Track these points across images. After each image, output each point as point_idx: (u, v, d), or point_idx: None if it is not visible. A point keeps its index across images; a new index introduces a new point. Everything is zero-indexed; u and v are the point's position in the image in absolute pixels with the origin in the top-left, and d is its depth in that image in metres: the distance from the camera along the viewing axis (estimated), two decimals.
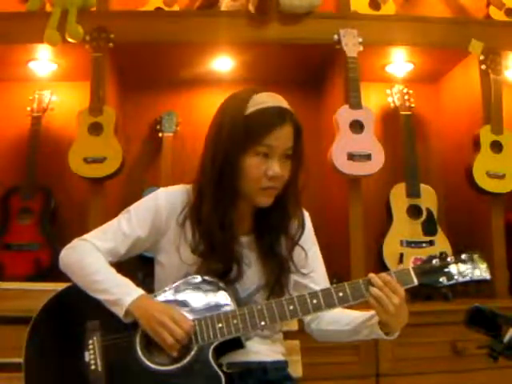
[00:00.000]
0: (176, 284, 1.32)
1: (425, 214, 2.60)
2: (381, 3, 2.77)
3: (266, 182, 1.30)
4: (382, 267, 2.47)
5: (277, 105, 1.32)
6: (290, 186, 1.36)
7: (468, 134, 2.58)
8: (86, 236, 1.39)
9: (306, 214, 1.47)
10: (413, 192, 2.61)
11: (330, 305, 1.28)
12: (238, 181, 1.31)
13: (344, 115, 2.42)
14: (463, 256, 1.30)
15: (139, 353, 1.27)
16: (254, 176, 1.30)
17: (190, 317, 1.27)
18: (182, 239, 1.35)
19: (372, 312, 1.34)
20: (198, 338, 1.25)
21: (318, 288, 1.36)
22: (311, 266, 1.45)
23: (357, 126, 2.41)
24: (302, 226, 1.42)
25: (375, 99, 2.87)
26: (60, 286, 1.38)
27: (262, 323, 1.27)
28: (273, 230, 1.38)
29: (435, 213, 2.61)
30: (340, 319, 1.42)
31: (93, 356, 1.28)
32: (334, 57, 2.55)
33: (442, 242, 2.54)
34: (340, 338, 1.45)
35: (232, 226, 1.34)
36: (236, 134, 1.29)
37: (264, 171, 1.30)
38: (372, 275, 1.29)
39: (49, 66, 2.62)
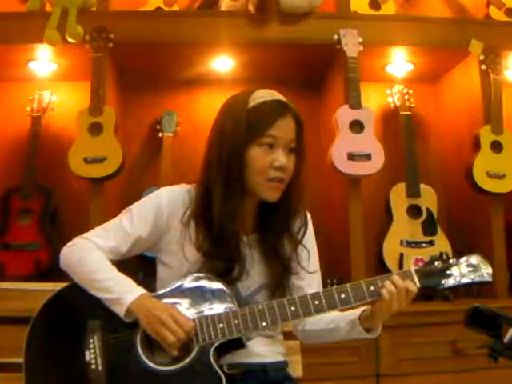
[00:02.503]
0: (177, 283, 1.32)
1: (425, 213, 2.60)
2: (381, 3, 2.77)
3: (273, 172, 1.31)
4: (382, 267, 2.48)
5: (277, 98, 1.35)
6: (294, 183, 1.37)
7: (468, 134, 2.58)
8: (86, 234, 1.39)
9: (308, 216, 1.47)
10: (413, 192, 2.62)
11: (332, 306, 1.28)
12: (245, 174, 1.32)
13: (344, 115, 2.42)
14: (465, 257, 1.30)
15: (140, 352, 1.27)
16: (260, 167, 1.31)
17: (191, 316, 1.27)
18: (186, 239, 1.35)
19: (354, 310, 1.34)
20: (198, 338, 1.25)
21: (311, 291, 1.35)
22: (311, 268, 1.45)
23: (357, 126, 2.42)
24: (305, 224, 1.42)
25: (375, 99, 2.87)
26: (60, 286, 1.37)
27: (264, 324, 1.26)
28: (276, 228, 1.38)
29: (435, 213, 2.61)
30: (323, 318, 1.41)
31: (93, 355, 1.27)
32: (334, 57, 2.55)
33: (441, 242, 2.55)
34: (324, 337, 1.45)
35: (237, 224, 1.34)
36: (239, 128, 1.30)
37: (270, 162, 1.31)
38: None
39: (49, 65, 2.63)
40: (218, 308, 1.28)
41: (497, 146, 2.48)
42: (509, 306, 2.20)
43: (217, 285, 1.30)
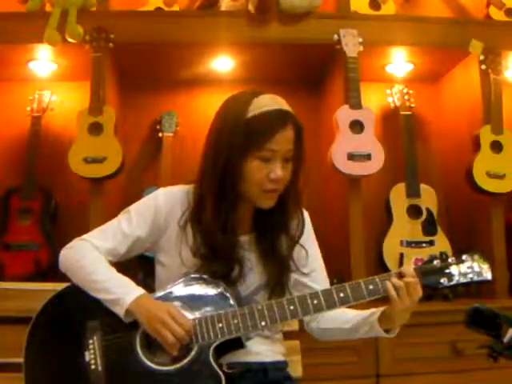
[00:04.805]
0: (176, 283, 1.32)
1: (425, 213, 2.60)
2: (381, 3, 2.77)
3: (269, 184, 1.30)
4: (381, 267, 2.48)
5: (278, 107, 1.31)
6: (291, 186, 1.36)
7: (468, 134, 2.58)
8: (85, 236, 1.39)
9: (306, 214, 1.47)
10: (413, 192, 2.62)
11: (331, 305, 1.28)
12: (239, 184, 1.31)
13: (344, 115, 2.42)
14: (464, 256, 1.30)
15: (139, 353, 1.27)
16: (257, 180, 1.30)
17: (191, 316, 1.27)
18: (183, 242, 1.35)
19: (372, 309, 1.34)
20: (198, 338, 1.25)
21: (318, 287, 1.37)
22: (311, 265, 1.45)
23: (357, 126, 2.41)
24: (302, 224, 1.42)
25: (375, 99, 2.87)
26: (60, 286, 1.38)
27: (263, 323, 1.27)
28: (273, 228, 1.38)
29: (435, 213, 2.61)
30: (340, 318, 1.42)
31: (93, 356, 1.28)
32: (334, 57, 2.55)
33: (441, 242, 2.54)
34: (340, 336, 1.45)
35: (233, 227, 1.34)
36: (237, 138, 1.28)
37: (266, 174, 1.29)
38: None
39: (49, 65, 2.62)
40: (218, 308, 1.28)
41: (497, 146, 2.48)
42: (509, 306, 2.20)
43: (216, 285, 1.30)
